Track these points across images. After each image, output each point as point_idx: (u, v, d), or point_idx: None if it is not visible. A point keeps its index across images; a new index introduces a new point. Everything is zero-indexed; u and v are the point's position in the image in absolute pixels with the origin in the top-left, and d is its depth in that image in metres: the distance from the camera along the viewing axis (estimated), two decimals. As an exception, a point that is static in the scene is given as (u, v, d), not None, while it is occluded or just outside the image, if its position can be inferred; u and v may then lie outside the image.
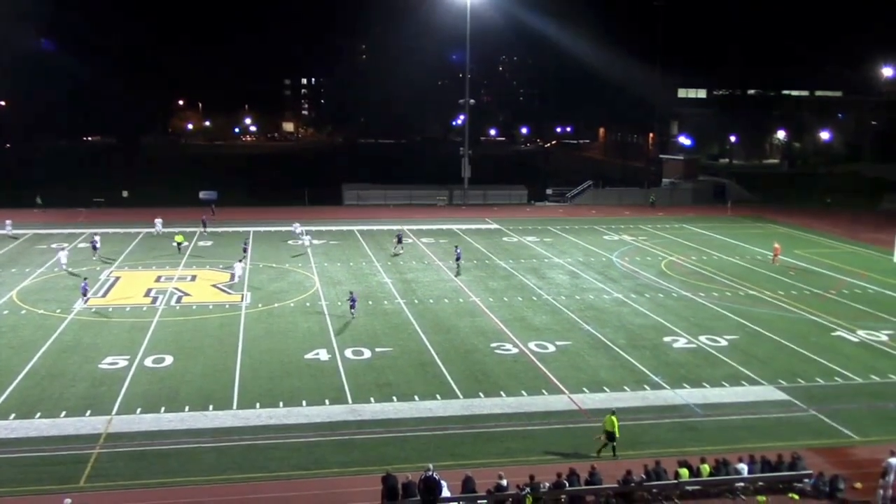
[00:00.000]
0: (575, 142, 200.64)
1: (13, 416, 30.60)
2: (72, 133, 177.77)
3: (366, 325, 43.47)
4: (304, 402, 32.35)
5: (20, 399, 32.24)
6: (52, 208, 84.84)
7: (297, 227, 69.17)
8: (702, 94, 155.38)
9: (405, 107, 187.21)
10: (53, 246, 64.18)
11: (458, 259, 56.09)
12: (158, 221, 71.62)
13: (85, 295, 45.89)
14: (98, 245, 60.46)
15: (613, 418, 27.99)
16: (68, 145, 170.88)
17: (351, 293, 45.69)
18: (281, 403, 32.12)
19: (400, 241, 64.23)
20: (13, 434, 29.08)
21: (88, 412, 31.06)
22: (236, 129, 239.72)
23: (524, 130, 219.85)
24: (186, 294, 49.72)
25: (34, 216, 79.66)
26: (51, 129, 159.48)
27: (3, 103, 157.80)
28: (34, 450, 27.93)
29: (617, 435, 27.82)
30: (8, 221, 68.68)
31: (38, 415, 30.73)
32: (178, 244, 62.97)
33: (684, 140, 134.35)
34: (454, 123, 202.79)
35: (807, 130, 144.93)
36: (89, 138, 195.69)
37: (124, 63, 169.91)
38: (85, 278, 47.20)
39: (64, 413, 30.93)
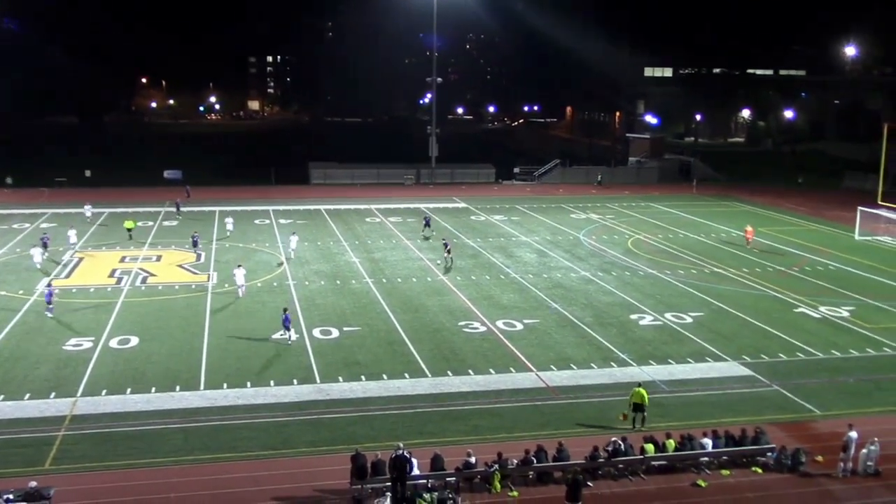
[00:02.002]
0: (542, 120, 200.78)
1: (-24, 398, 30.23)
2: (33, 112, 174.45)
3: (334, 304, 43.37)
4: (272, 382, 32.26)
5: (-18, 382, 31.82)
6: (14, 188, 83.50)
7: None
8: (668, 72, 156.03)
9: (372, 85, 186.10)
10: (14, 226, 63.20)
11: (447, 251, 53.51)
12: (87, 206, 67.20)
13: (49, 303, 40.50)
14: (48, 242, 53.59)
15: (643, 391, 28.61)
16: (30, 124, 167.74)
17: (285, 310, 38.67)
18: (248, 384, 32.00)
19: (428, 224, 62.49)
20: (-24, 417, 28.73)
21: (53, 394, 30.73)
22: (201, 108, 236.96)
23: (492, 109, 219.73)
24: (152, 274, 49.25)
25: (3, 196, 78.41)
26: (12, 108, 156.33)
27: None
28: (-2, 433, 27.64)
29: (646, 405, 28.52)
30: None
31: (2, 397, 30.34)
32: (129, 230, 59.36)
33: (650, 119, 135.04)
34: (421, 102, 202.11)
35: (771, 109, 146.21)
36: (50, 119, 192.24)
37: (86, 41, 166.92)
38: (49, 284, 42.83)
39: (28, 395, 30.58)
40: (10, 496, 21.88)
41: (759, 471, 26.06)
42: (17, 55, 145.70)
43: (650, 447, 25.94)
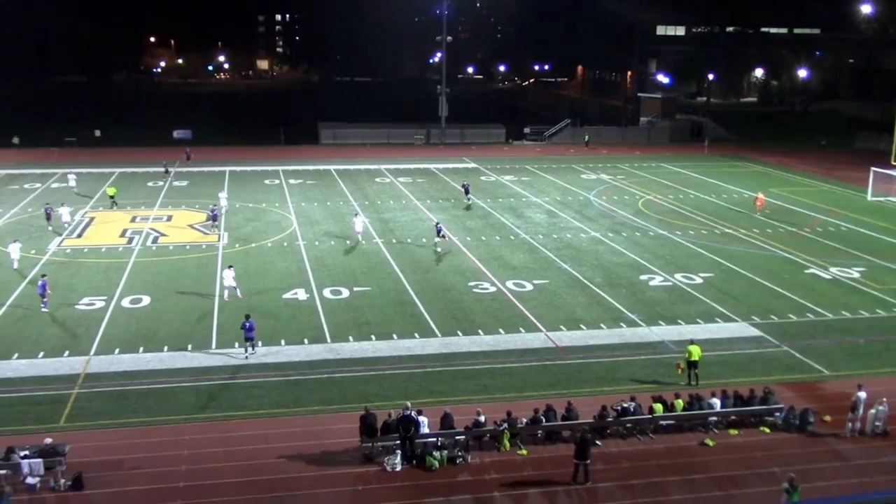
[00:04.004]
0: (553, 80, 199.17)
1: (-10, 357, 30.57)
2: (42, 71, 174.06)
3: (344, 264, 43.48)
4: (282, 342, 32.47)
5: (-4, 340, 32.15)
6: (25, 148, 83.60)
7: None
8: (680, 31, 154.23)
9: (382, 45, 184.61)
10: (26, 186, 63.35)
11: (440, 235, 51.45)
12: (72, 177, 63.57)
13: (43, 297, 35.44)
14: (51, 213, 50.68)
15: (696, 348, 29.14)
16: (37, 84, 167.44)
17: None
18: (259, 343, 32.19)
19: (467, 192, 59.99)
20: (-9, 375, 29.07)
21: (66, 353, 31.03)
22: (210, 67, 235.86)
23: (502, 68, 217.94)
24: (163, 234, 49.40)
25: (8, 156, 78.41)
26: (19, 67, 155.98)
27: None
28: (13, 390, 27.93)
29: (699, 362, 29.08)
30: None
31: (16, 356, 30.67)
32: (111, 197, 56.94)
33: (662, 78, 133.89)
34: (431, 61, 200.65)
35: (784, 68, 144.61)
36: (58, 78, 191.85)
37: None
38: (43, 275, 37.07)
39: (42, 354, 30.89)
40: (27, 452, 22.19)
41: (767, 430, 26.19)
42: (25, 14, 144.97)
43: (659, 407, 26.06)
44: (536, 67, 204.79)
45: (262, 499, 22.07)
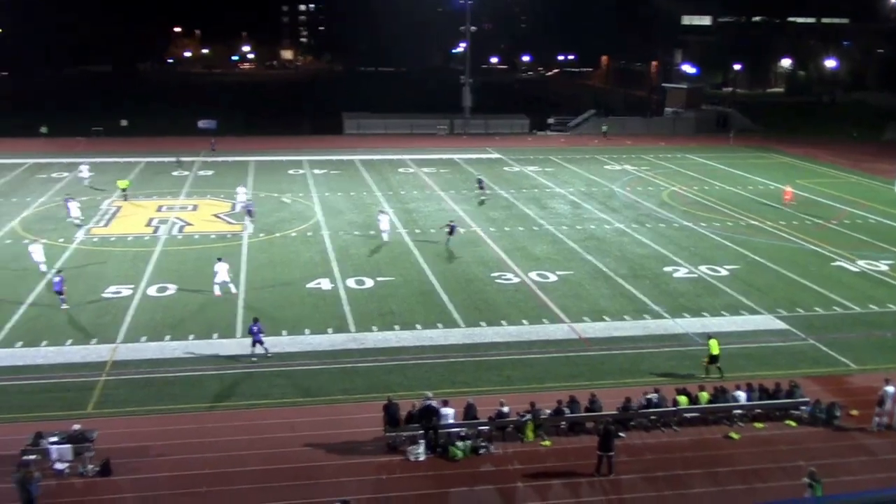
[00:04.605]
0: (577, 70, 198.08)
1: (20, 343, 30.93)
2: (69, 61, 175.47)
3: (367, 254, 43.58)
4: (306, 331, 32.63)
5: (26, 327, 32.51)
6: (52, 137, 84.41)
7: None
8: (706, 21, 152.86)
9: (405, 35, 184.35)
10: (53, 175, 63.94)
11: (481, 187, 50.85)
12: (84, 167, 62.16)
13: (61, 294, 34.78)
14: (69, 209, 49.48)
15: (716, 341, 29.08)
16: (65, 73, 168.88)
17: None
18: (284, 332, 32.39)
19: (481, 186, 58.20)
20: (20, 362, 29.42)
21: (94, 340, 31.35)
22: (234, 57, 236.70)
23: (526, 58, 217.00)
24: (188, 224, 49.73)
25: (36, 145, 79.23)
26: (48, 57, 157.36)
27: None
28: (41, 377, 28.30)
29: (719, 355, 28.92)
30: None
31: (45, 343, 31.04)
32: (123, 190, 56.12)
33: (688, 68, 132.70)
34: (454, 52, 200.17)
35: (812, 59, 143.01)
36: (83, 68, 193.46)
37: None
38: (59, 272, 36.45)
39: (70, 341, 31.24)
40: (56, 438, 22.46)
41: (793, 424, 26.01)
42: (52, 4, 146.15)
43: (683, 399, 25.96)
44: (561, 58, 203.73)
45: (285, 487, 22.22)
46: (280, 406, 26.60)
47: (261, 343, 29.82)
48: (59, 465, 22.21)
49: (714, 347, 28.98)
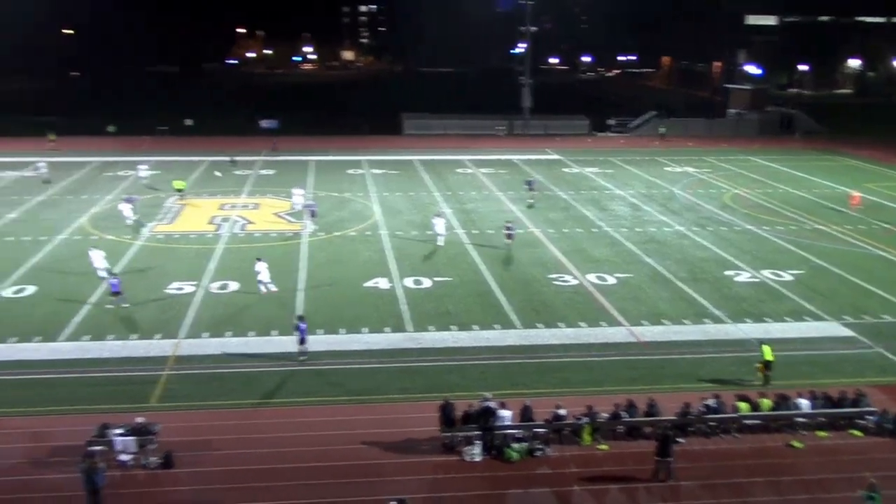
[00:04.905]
0: (638, 71, 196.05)
1: (88, 337, 31.74)
2: (137, 62, 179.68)
3: (425, 254, 43.70)
4: (364, 330, 32.87)
5: (93, 322, 33.35)
6: (119, 136, 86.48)
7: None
8: (771, 20, 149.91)
9: (465, 35, 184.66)
10: (120, 174, 65.42)
11: (531, 189, 50.35)
12: (143, 167, 62.76)
13: (119, 294, 35.06)
14: (132, 210, 49.80)
15: (769, 347, 28.60)
16: (134, 74, 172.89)
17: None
18: (342, 330, 32.69)
19: (531, 188, 57.17)
20: (87, 355, 30.19)
21: (157, 335, 32.02)
22: (296, 58, 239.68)
23: (586, 59, 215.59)
24: (250, 222, 50.49)
25: (104, 143, 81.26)
26: (118, 57, 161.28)
27: (71, 32, 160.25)
28: (107, 370, 29.00)
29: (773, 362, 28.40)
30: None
31: (110, 337, 31.80)
32: (179, 191, 56.43)
33: (752, 69, 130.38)
34: (514, 52, 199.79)
35: (881, 59, 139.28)
36: (150, 68, 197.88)
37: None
38: (114, 274, 36.79)
39: (134, 336, 31.95)
40: (120, 430, 22.99)
41: (859, 434, 25.36)
42: (121, 7, 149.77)
43: (744, 405, 25.51)
44: (622, 58, 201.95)
45: (342, 484, 22.41)
46: (337, 404, 26.83)
47: (302, 343, 29.91)
48: (123, 457, 22.73)
49: (767, 353, 28.41)
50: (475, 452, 23.66)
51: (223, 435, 24.63)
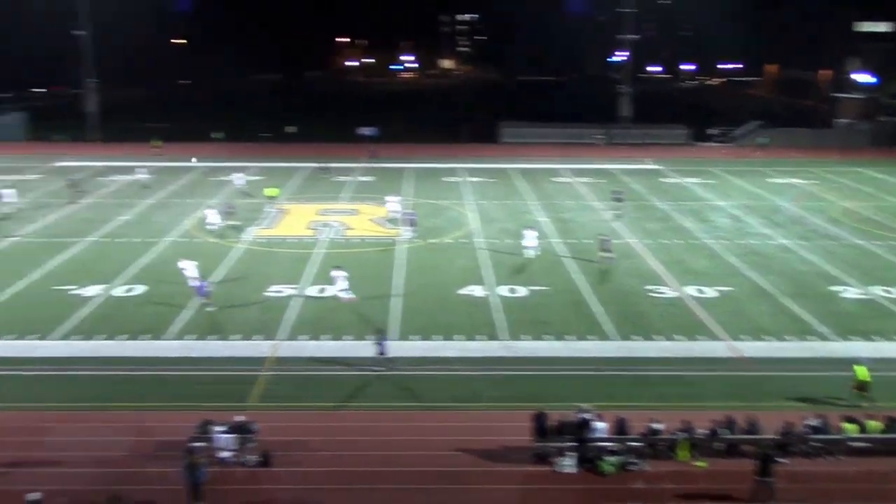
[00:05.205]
0: (741, 79, 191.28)
1: (192, 336, 32.82)
2: (242, 71, 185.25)
3: (521, 263, 43.56)
4: (458, 337, 32.98)
5: (197, 321, 34.46)
6: (225, 142, 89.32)
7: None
8: (882, 27, 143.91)
9: (564, 44, 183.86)
10: (223, 178, 67.45)
11: (604, 249, 47.76)
12: (239, 174, 64.28)
13: (206, 297, 36.05)
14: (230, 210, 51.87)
15: (863, 368, 27.54)
16: (240, 82, 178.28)
17: None
18: (437, 337, 32.88)
19: (619, 200, 55.60)
20: (192, 353, 31.20)
21: (257, 336, 32.85)
22: (396, 66, 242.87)
23: (688, 67, 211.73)
24: (348, 227, 51.34)
25: (210, 149, 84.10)
26: (226, 66, 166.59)
27: (184, 41, 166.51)
28: (209, 368, 29.92)
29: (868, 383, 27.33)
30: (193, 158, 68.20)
31: (213, 337, 32.80)
32: (272, 198, 57.23)
33: (863, 77, 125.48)
34: (613, 60, 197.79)
35: None
36: (253, 77, 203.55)
37: (291, 2, 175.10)
38: (204, 279, 37.42)
39: (236, 336, 32.86)
40: (222, 427, 23.65)
41: (975, 461, 24.09)
42: (229, 18, 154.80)
43: (851, 427, 24.53)
44: (725, 66, 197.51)
45: (434, 489, 22.52)
46: (431, 409, 26.98)
47: (380, 347, 29.90)
48: (223, 454, 23.36)
49: (862, 374, 27.19)
50: (568, 464, 23.45)
51: (320, 436, 25.07)
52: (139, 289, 38.69)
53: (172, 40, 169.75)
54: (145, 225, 51.40)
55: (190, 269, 38.03)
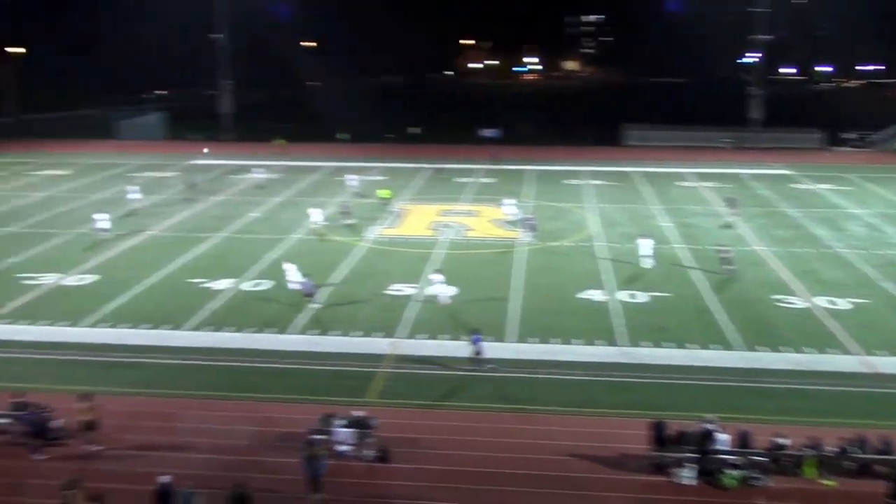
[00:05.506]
0: (883, 81, 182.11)
1: (315, 331, 33.73)
2: (368, 73, 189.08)
3: (658, 268, 42.62)
4: (576, 341, 32.68)
5: (320, 316, 35.39)
6: (350, 143, 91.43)
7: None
8: None
9: (691, 44, 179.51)
10: (345, 176, 68.91)
11: (732, 207, 45.92)
12: (351, 177, 64.85)
13: (311, 295, 37.00)
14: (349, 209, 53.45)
15: None
16: (366, 84, 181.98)
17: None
18: (554, 340, 32.67)
19: (733, 207, 54.64)
20: (314, 348, 32.05)
21: (377, 334, 33.44)
22: (520, 68, 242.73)
23: (824, 68, 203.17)
24: (469, 228, 51.64)
25: (336, 150, 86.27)
26: (352, 68, 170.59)
27: (314, 44, 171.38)
28: (329, 363, 30.64)
29: None
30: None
31: (335, 332, 33.60)
32: (384, 199, 57.62)
33: None
34: (742, 61, 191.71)
35: None
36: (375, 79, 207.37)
37: (417, 5, 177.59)
38: (307, 274, 38.00)
39: (357, 332, 33.55)
40: (343, 421, 24.18)
41: None
42: (355, 21, 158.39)
43: None
44: (864, 67, 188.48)
45: (548, 494, 22.38)
46: (546, 413, 26.83)
47: (478, 354, 29.86)
48: (341, 447, 23.88)
49: None
50: (687, 475, 22.87)
51: (437, 435, 25.29)
52: (266, 284, 39.98)
53: (302, 43, 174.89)
54: (273, 222, 53.15)
55: (291, 271, 38.51)
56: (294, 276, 38.25)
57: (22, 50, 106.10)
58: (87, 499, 19.90)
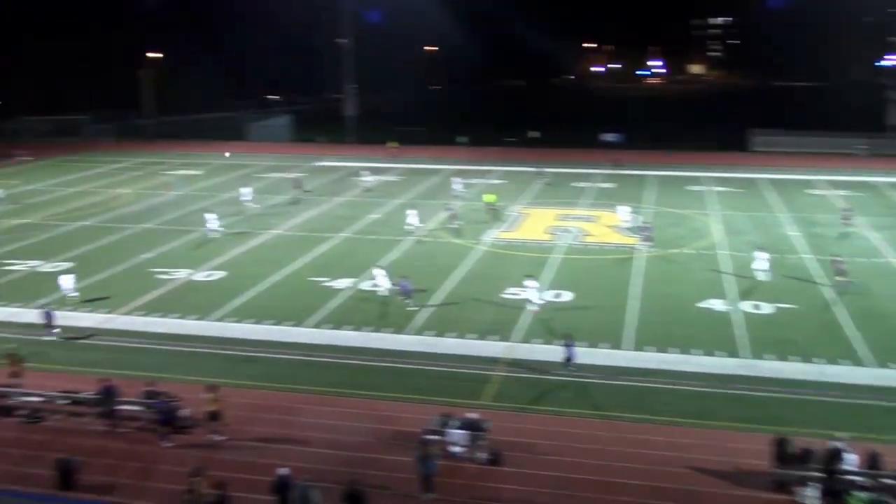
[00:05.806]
0: None
1: (433, 332, 34.10)
2: (489, 77, 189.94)
3: (774, 280, 41.13)
4: (696, 351, 31.88)
5: (436, 317, 35.74)
6: (470, 146, 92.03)
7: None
8: None
9: (824, 47, 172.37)
10: (451, 180, 69.18)
11: (840, 272, 42.24)
12: (457, 180, 64.46)
13: (408, 297, 37.33)
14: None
15: None
16: (487, 88, 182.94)
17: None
18: (672, 350, 31.98)
19: (847, 217, 52.48)
20: (430, 349, 32.38)
21: (492, 337, 33.50)
22: (643, 72, 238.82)
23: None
24: (586, 234, 51.14)
25: (456, 153, 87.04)
26: (472, 72, 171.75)
27: (436, 48, 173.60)
28: (446, 365, 30.89)
29: None
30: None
31: (451, 333, 33.86)
32: (490, 204, 57.04)
33: None
34: (882, 64, 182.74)
35: None
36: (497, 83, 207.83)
37: (540, 8, 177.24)
38: (404, 276, 38.36)
39: (471, 335, 33.72)
40: (457, 423, 24.35)
41: None
42: (476, 27, 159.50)
43: None
44: None
45: (665, 506, 21.95)
46: (664, 424, 26.27)
47: (568, 360, 29.67)
48: (454, 449, 24.04)
49: None
50: (811, 495, 21.96)
51: (550, 440, 25.13)
52: (384, 284, 40.64)
53: (426, 48, 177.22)
54: (392, 224, 54.00)
55: (380, 277, 38.72)
56: (383, 281, 38.50)
57: (160, 55, 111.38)
58: (211, 486, 20.73)
